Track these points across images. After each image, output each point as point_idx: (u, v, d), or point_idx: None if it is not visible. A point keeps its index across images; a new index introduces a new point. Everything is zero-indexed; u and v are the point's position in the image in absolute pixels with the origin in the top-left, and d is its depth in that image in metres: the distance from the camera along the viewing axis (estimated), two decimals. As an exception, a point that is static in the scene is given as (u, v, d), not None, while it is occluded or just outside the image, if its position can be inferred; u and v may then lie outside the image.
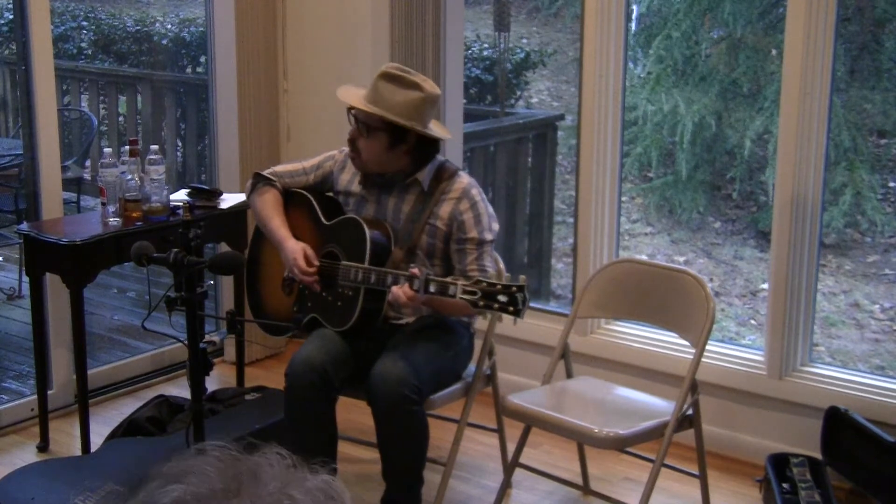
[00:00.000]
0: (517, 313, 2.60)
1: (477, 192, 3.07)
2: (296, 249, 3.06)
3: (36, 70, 3.72)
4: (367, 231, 2.99)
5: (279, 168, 3.28)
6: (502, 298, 2.60)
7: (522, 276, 2.64)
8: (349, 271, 2.96)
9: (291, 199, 3.24)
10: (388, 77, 2.97)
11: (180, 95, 6.27)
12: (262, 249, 3.30)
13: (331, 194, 3.26)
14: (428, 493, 3.10)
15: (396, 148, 3.00)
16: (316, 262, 3.06)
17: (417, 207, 3.05)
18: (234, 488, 0.87)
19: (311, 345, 3.00)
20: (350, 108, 3.03)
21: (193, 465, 0.89)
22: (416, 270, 2.75)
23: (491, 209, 3.08)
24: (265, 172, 3.26)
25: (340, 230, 3.09)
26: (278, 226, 3.15)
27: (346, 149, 3.13)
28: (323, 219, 3.14)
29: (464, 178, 3.07)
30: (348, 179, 3.17)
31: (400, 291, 2.79)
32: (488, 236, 3.04)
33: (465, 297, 2.64)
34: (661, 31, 5.96)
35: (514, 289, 2.59)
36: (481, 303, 2.62)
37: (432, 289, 2.71)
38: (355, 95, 3.02)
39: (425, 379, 2.92)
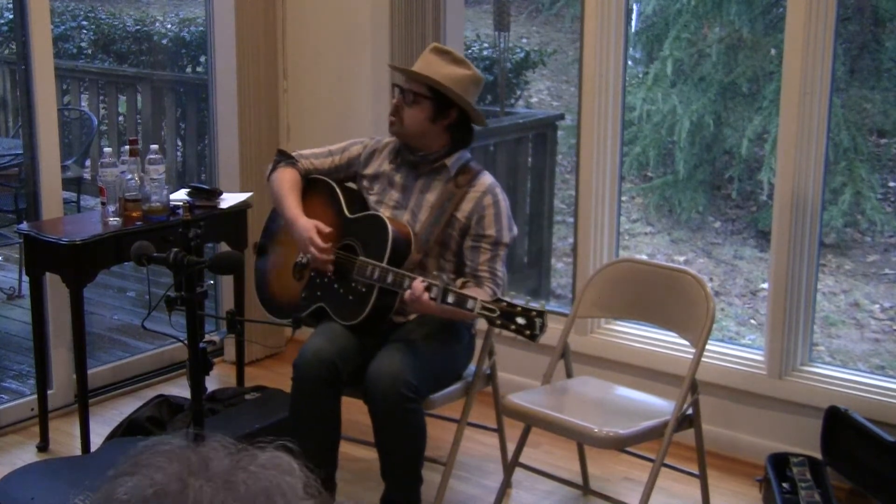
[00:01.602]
0: (533, 338, 2.61)
1: (500, 191, 3.08)
2: (308, 227, 3.03)
3: (36, 70, 3.72)
4: (391, 230, 2.96)
5: (305, 150, 3.27)
6: (520, 321, 2.61)
7: (542, 302, 2.64)
8: (366, 268, 2.94)
9: (316, 187, 3.22)
10: (438, 51, 3.04)
11: (180, 95, 6.26)
12: (276, 233, 3.28)
13: (352, 184, 3.23)
14: (428, 492, 3.10)
15: (438, 121, 3.03)
16: (327, 229, 3.03)
17: (442, 199, 3.04)
18: (186, 473, 0.90)
19: (321, 337, 2.98)
20: (395, 84, 3.09)
21: (144, 459, 0.92)
22: (436, 280, 2.74)
23: (511, 215, 3.08)
24: (292, 153, 3.25)
25: (362, 225, 3.06)
26: (291, 205, 3.11)
27: (378, 137, 3.19)
28: (346, 211, 3.13)
29: (489, 177, 3.09)
30: (378, 163, 3.17)
31: (421, 287, 2.77)
32: (506, 237, 3.04)
33: (483, 313, 2.64)
34: (665, 31, 5.96)
35: (534, 313, 2.60)
36: (498, 321, 2.63)
37: (450, 299, 2.71)
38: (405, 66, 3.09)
39: (423, 377, 2.91)
